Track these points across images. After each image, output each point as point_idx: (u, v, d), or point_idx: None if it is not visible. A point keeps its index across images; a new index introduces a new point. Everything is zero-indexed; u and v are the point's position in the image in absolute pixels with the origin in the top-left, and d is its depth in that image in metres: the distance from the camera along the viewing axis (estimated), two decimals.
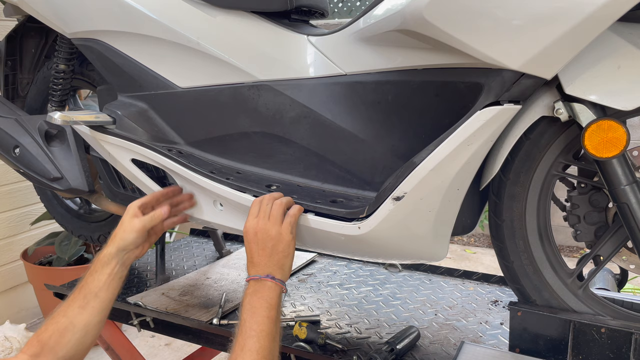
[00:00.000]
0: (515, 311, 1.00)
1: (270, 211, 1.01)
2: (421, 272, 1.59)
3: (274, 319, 0.93)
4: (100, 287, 1.05)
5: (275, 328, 0.92)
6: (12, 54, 1.64)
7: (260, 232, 1.00)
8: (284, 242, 1.00)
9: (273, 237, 0.99)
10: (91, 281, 1.07)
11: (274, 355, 0.90)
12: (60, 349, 0.98)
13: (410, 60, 0.95)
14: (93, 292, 1.05)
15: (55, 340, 0.98)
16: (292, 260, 1.02)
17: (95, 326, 1.04)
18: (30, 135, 1.45)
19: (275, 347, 0.91)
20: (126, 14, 1.19)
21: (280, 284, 0.97)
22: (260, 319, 0.91)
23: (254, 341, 0.88)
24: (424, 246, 0.99)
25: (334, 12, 4.32)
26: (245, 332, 0.89)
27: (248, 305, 0.93)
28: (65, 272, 2.38)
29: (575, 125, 0.89)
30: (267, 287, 0.95)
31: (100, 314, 1.05)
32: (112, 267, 1.07)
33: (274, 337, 0.91)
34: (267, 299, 0.94)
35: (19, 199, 2.62)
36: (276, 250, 0.99)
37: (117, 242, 1.09)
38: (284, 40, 1.14)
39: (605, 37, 0.81)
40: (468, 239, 4.01)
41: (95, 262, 1.09)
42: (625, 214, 0.87)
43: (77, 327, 1.01)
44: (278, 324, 0.94)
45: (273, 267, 0.98)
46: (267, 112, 1.13)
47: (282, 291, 0.97)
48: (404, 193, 0.90)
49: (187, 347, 2.46)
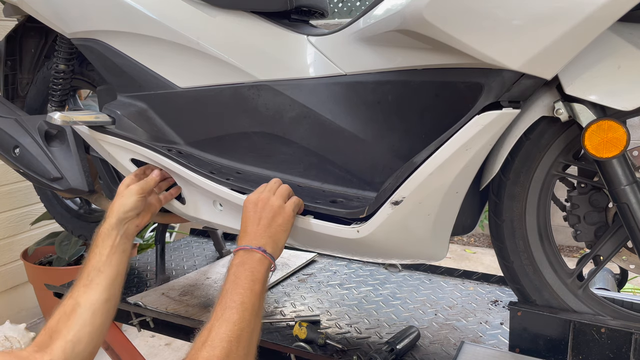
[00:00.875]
0: (515, 311, 1.00)
1: (276, 188, 1.00)
2: (421, 272, 1.59)
3: (258, 294, 0.86)
4: (103, 262, 1.01)
5: (259, 303, 0.85)
6: (12, 54, 1.64)
7: (261, 202, 0.96)
8: (284, 215, 0.96)
9: (275, 208, 0.95)
10: (93, 257, 1.02)
11: (252, 331, 0.83)
12: (68, 332, 0.92)
13: (410, 60, 0.95)
14: (96, 268, 1.00)
15: (62, 323, 0.93)
16: (287, 238, 0.97)
17: (103, 304, 0.98)
18: (30, 135, 1.44)
19: (257, 324, 0.84)
20: (126, 14, 1.19)
21: (270, 258, 0.91)
22: (242, 290, 0.84)
23: (233, 312, 0.81)
24: (423, 247, 0.99)
25: (334, 12, 4.32)
26: (225, 303, 0.83)
27: (232, 276, 0.87)
28: (65, 272, 2.38)
29: (575, 126, 0.89)
30: (255, 259, 0.90)
31: (107, 291, 0.99)
32: (114, 238, 1.04)
33: (256, 312, 0.84)
34: (254, 272, 0.88)
35: (19, 199, 2.62)
36: (275, 222, 0.95)
37: (116, 210, 1.06)
38: (284, 40, 1.14)
39: (605, 37, 0.81)
40: (468, 239, 4.01)
41: (96, 237, 1.05)
42: (625, 214, 0.87)
43: (83, 306, 0.95)
44: (262, 299, 0.87)
45: (267, 239, 0.93)
46: (267, 112, 1.13)
47: (270, 267, 0.91)
48: (403, 197, 0.90)
49: (187, 347, 2.45)
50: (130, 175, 1.16)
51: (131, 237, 1.10)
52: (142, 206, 1.11)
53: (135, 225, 1.11)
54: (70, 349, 0.91)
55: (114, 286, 1.02)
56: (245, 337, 0.80)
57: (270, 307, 1.38)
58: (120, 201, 1.08)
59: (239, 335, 0.79)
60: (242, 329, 0.80)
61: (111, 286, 1.01)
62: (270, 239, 0.94)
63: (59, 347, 0.90)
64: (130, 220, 1.09)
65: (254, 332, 0.83)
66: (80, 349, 0.92)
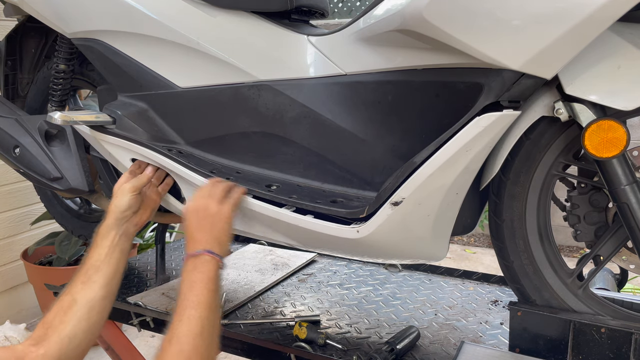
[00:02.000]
0: (515, 311, 1.00)
1: (210, 191, 1.05)
2: (421, 272, 1.59)
3: (213, 291, 0.94)
4: (101, 260, 1.04)
5: (215, 299, 0.93)
6: (12, 54, 1.63)
7: (200, 209, 1.03)
8: (223, 218, 1.03)
9: (213, 213, 1.02)
10: (92, 255, 1.05)
11: (213, 325, 0.90)
12: (64, 327, 0.95)
13: (410, 60, 0.95)
14: (95, 266, 1.03)
15: (59, 319, 0.96)
16: (230, 238, 1.05)
17: (100, 302, 1.00)
18: (30, 135, 1.44)
19: (215, 318, 0.92)
20: (126, 14, 1.19)
21: (219, 258, 0.98)
22: (199, 291, 0.92)
23: (193, 311, 0.89)
24: (423, 247, 0.99)
25: (334, 12, 4.32)
26: (184, 304, 0.90)
27: (187, 280, 0.94)
28: (65, 272, 2.38)
29: (575, 125, 0.89)
30: (205, 261, 0.97)
31: (104, 289, 1.02)
32: (112, 238, 1.06)
33: (214, 308, 0.92)
34: (206, 273, 0.95)
35: (19, 199, 2.62)
36: (216, 226, 1.01)
37: (113, 211, 1.09)
38: (284, 40, 1.14)
39: (605, 37, 0.81)
40: (468, 239, 4.01)
41: (95, 237, 1.08)
42: (625, 214, 0.87)
43: (80, 303, 0.98)
44: (217, 295, 0.95)
45: (212, 242, 1.00)
46: (267, 112, 1.13)
47: (219, 265, 0.98)
48: (402, 198, 0.90)
49: None
50: (124, 174, 1.17)
51: (131, 236, 1.11)
52: (138, 204, 1.13)
53: (134, 224, 1.12)
54: (66, 343, 0.94)
55: (112, 284, 1.04)
56: (207, 331, 0.88)
57: (270, 307, 1.38)
58: (115, 202, 1.10)
59: (201, 330, 0.87)
60: (203, 324, 0.88)
61: (109, 284, 1.03)
62: (215, 242, 1.00)
63: (55, 342, 0.93)
64: (128, 219, 1.11)
65: (214, 326, 0.91)
66: (75, 344, 0.95)
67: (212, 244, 1.00)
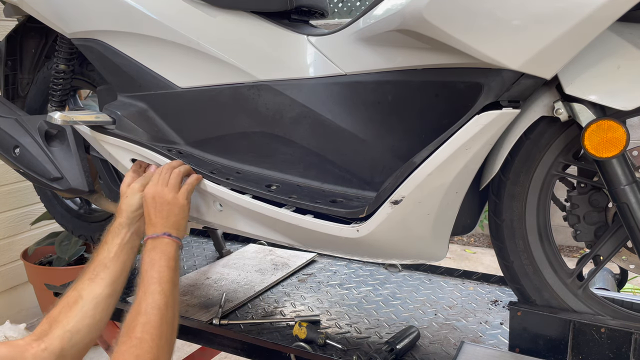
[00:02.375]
0: (515, 311, 1.00)
1: (168, 179, 1.09)
2: (421, 272, 1.59)
3: (173, 268, 1.00)
4: (110, 258, 1.06)
5: (175, 276, 1.00)
6: (12, 54, 1.63)
7: (157, 197, 1.07)
8: (179, 206, 1.08)
9: (169, 201, 1.07)
10: (101, 252, 1.07)
11: (175, 299, 0.97)
12: (68, 322, 0.97)
13: (410, 60, 0.95)
14: (103, 264, 1.05)
15: (64, 313, 0.97)
16: (187, 222, 1.10)
17: (105, 299, 1.02)
18: (30, 135, 1.44)
19: (176, 293, 0.98)
20: (126, 14, 1.19)
21: (177, 239, 1.05)
22: (160, 268, 0.98)
23: (156, 286, 0.95)
24: (423, 247, 0.99)
25: (334, 12, 4.32)
26: (147, 280, 0.96)
27: (147, 259, 1.00)
28: (65, 272, 2.38)
29: (575, 125, 0.89)
30: (164, 243, 1.03)
31: (110, 287, 1.03)
32: (123, 236, 1.09)
33: (175, 283, 0.98)
34: (166, 252, 1.01)
35: (19, 199, 2.62)
36: (172, 213, 1.07)
37: (125, 210, 1.11)
38: (284, 40, 1.14)
39: (605, 37, 0.81)
40: (468, 239, 4.01)
41: (106, 234, 1.10)
42: (625, 214, 0.87)
43: (85, 299, 1.00)
44: (177, 273, 1.01)
45: (170, 227, 1.05)
46: (267, 112, 1.13)
47: (178, 246, 1.05)
48: (402, 197, 0.90)
49: (187, 347, 2.46)
50: (129, 173, 1.18)
51: (141, 234, 1.13)
52: None
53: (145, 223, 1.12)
54: (68, 338, 0.95)
55: (118, 282, 1.06)
56: (170, 304, 0.94)
57: (270, 307, 1.38)
58: (126, 201, 1.12)
59: (165, 303, 0.93)
60: (166, 297, 0.94)
61: (115, 282, 1.05)
62: (172, 226, 1.06)
63: (57, 336, 0.94)
64: (139, 218, 1.12)
65: (176, 301, 0.97)
66: (77, 340, 0.96)
67: (170, 228, 1.05)
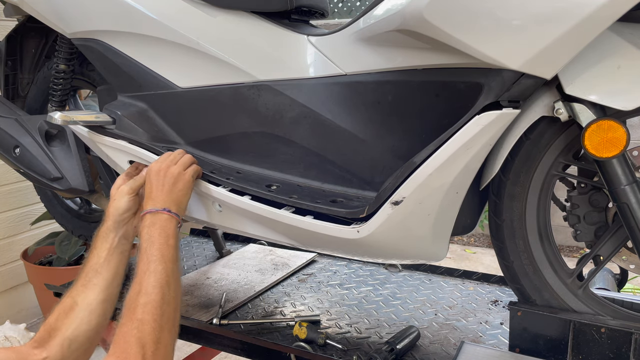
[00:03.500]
0: (515, 311, 1.00)
1: (177, 158, 1.10)
2: (421, 272, 1.59)
3: (174, 246, 0.98)
4: (100, 264, 1.05)
5: (176, 254, 0.97)
6: (13, 54, 1.64)
7: (163, 171, 1.07)
8: (184, 181, 1.06)
9: (175, 175, 1.06)
10: (91, 258, 1.06)
11: (176, 277, 0.95)
12: (66, 328, 0.97)
13: (410, 60, 0.95)
14: (94, 269, 1.04)
15: (61, 321, 0.97)
16: (188, 200, 1.09)
17: (100, 305, 1.01)
18: (31, 135, 1.45)
19: (178, 271, 0.96)
20: (126, 14, 1.19)
21: (176, 216, 1.02)
22: (160, 245, 0.95)
23: (157, 264, 0.92)
24: (423, 247, 0.99)
25: (334, 12, 4.32)
26: (148, 258, 0.93)
27: (146, 235, 0.97)
28: (65, 272, 2.38)
29: (575, 125, 0.89)
30: (163, 219, 1.00)
31: (104, 292, 1.03)
32: (111, 240, 1.07)
33: (175, 261, 0.96)
34: (165, 229, 0.98)
35: (19, 199, 2.62)
36: (176, 188, 1.05)
37: (112, 214, 1.10)
38: (284, 40, 1.14)
39: (605, 37, 0.81)
40: (468, 239, 4.01)
41: (95, 239, 1.09)
42: (625, 214, 0.87)
43: (80, 305, 1.00)
44: (177, 252, 0.99)
45: (170, 202, 1.03)
46: (267, 112, 1.13)
47: (178, 223, 1.02)
48: (403, 198, 0.90)
49: (187, 347, 2.46)
50: (121, 176, 1.17)
51: (131, 237, 1.11)
52: (136, 206, 1.12)
53: (133, 226, 1.12)
54: (67, 345, 0.95)
55: (112, 287, 1.05)
56: (172, 282, 0.92)
57: (270, 307, 1.38)
58: (114, 204, 1.10)
59: (167, 281, 0.91)
60: (168, 275, 0.92)
61: (109, 287, 1.04)
62: (173, 202, 1.04)
63: (57, 344, 0.94)
64: (127, 221, 1.11)
65: (177, 279, 0.95)
66: (76, 346, 0.96)
67: (170, 204, 1.03)
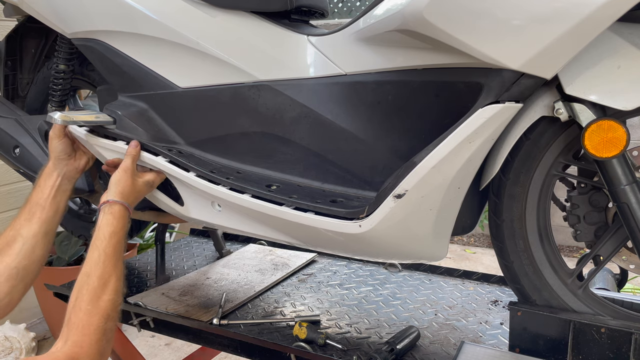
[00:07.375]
0: (515, 311, 1.00)
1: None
2: (421, 272, 1.59)
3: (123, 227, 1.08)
4: (45, 199, 1.16)
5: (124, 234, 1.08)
6: (12, 54, 1.64)
7: None
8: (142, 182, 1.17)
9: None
10: (36, 194, 1.17)
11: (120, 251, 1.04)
12: (11, 260, 1.07)
13: (410, 60, 0.95)
14: (39, 204, 1.15)
15: (5, 252, 1.07)
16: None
17: (43, 238, 1.12)
18: (31, 135, 1.45)
19: (122, 246, 1.06)
20: (126, 14, 1.19)
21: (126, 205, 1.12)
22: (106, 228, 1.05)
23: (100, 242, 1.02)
24: (424, 245, 0.98)
25: (334, 12, 4.32)
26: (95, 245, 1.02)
27: (100, 222, 1.06)
28: (65, 272, 2.38)
29: (575, 125, 0.89)
30: (116, 208, 1.09)
31: (47, 225, 1.14)
32: (54, 179, 1.19)
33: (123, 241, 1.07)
34: (114, 214, 1.07)
35: (19, 199, 2.62)
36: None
37: (51, 155, 1.21)
38: (284, 40, 1.14)
39: (605, 37, 0.81)
40: (468, 239, 4.01)
41: (39, 178, 1.20)
42: (625, 214, 0.87)
43: (25, 237, 1.10)
44: (125, 233, 1.09)
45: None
46: (267, 112, 1.13)
47: (128, 213, 1.11)
48: (405, 191, 0.90)
49: (187, 347, 2.46)
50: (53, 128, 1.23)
51: (72, 179, 1.22)
52: (69, 148, 1.22)
53: (73, 168, 1.23)
54: (15, 274, 1.06)
55: (53, 222, 1.16)
56: (117, 253, 1.02)
57: (270, 307, 1.38)
58: (50, 148, 1.21)
59: (113, 252, 1.01)
60: (115, 248, 1.02)
61: (51, 221, 1.15)
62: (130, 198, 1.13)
63: (3, 274, 1.06)
64: (66, 162, 1.21)
65: (120, 251, 1.04)
66: (23, 275, 1.08)
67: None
